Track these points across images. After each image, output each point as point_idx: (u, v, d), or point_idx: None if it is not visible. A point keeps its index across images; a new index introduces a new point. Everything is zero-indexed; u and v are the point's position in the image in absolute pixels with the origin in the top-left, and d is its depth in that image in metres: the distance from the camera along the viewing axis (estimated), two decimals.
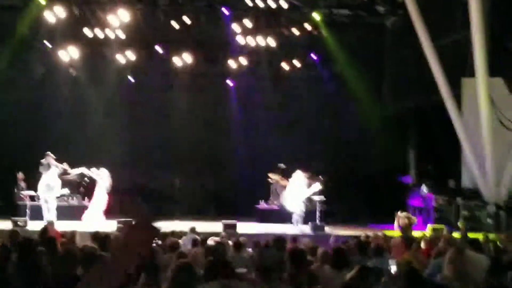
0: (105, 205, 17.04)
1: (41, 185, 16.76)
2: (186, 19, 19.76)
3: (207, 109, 21.91)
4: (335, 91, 21.35)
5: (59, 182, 16.96)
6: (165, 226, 14.64)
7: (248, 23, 20.01)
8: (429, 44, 17.72)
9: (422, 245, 9.51)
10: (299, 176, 17.35)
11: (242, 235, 13.45)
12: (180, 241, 10.22)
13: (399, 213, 15.91)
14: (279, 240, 8.77)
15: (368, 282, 5.66)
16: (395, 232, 14.52)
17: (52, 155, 17.71)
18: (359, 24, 20.81)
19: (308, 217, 17.26)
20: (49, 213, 16.48)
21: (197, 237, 11.14)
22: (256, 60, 21.55)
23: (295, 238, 10.97)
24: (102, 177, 17.35)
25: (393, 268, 7.01)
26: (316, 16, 19.57)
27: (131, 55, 20.66)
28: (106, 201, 17.05)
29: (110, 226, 14.93)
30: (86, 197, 18.37)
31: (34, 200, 17.25)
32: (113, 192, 17.10)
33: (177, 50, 20.95)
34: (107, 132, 20.87)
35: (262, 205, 19.67)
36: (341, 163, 21.06)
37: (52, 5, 19.24)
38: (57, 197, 17.12)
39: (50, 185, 16.62)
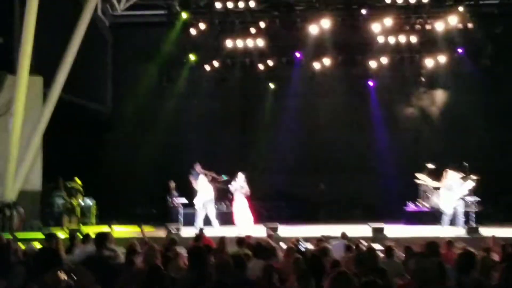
0: (248, 209, 17.00)
1: (197, 193, 17.28)
2: (324, 23, 19.68)
3: (349, 111, 21.59)
4: (485, 86, 20.14)
5: (211, 188, 17.41)
6: (311, 230, 14.65)
7: (387, 21, 19.52)
8: None
9: None
10: (451, 176, 16.51)
11: (391, 238, 13.09)
12: (329, 246, 10.07)
13: None
14: (433, 244, 8.27)
15: None
16: None
17: (199, 164, 18.41)
18: (508, 13, 19.48)
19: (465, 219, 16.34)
20: (211, 220, 16.93)
21: (348, 242, 10.92)
22: (398, 58, 20.95)
23: (450, 242, 10.38)
24: (239, 182, 16.95)
25: None
26: (461, 8, 18.58)
27: (271, 63, 20.99)
28: (247, 205, 16.98)
29: (256, 231, 15.20)
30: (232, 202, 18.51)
31: (187, 207, 17.87)
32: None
33: (316, 54, 20.96)
34: (250, 139, 21.34)
35: (410, 206, 19.03)
36: (496, 161, 19.71)
37: (194, 20, 20.07)
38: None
39: (203, 192, 17.11)
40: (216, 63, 21.05)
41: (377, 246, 9.48)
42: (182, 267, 7.63)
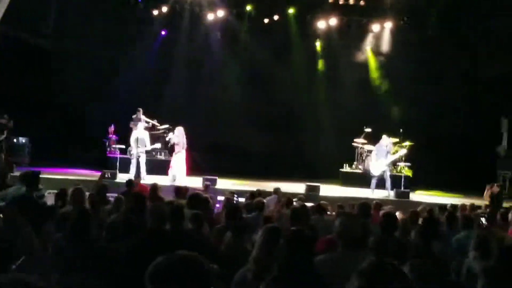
0: (184, 162, 16.86)
1: (132, 139, 16.94)
2: None
3: (293, 70, 21.67)
4: (427, 55, 20.45)
5: (148, 136, 17.20)
6: (249, 184, 14.83)
7: None
8: None
9: None
10: (384, 141, 16.90)
11: (324, 198, 13.41)
12: (265, 201, 10.23)
13: (492, 184, 15.12)
14: (365, 206, 8.57)
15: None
16: (484, 202, 13.94)
17: (141, 110, 18.14)
18: None
19: (392, 183, 16.82)
20: (140, 167, 16.63)
21: (281, 198, 11.13)
22: (347, 21, 21.08)
23: (378, 204, 10.71)
24: (177, 135, 16.63)
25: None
26: None
27: (220, 13, 20.75)
28: (184, 157, 16.79)
29: (194, 182, 15.24)
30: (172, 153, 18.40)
31: (124, 154, 17.65)
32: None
33: (266, 10, 20.85)
34: (192, 89, 21.14)
35: (346, 168, 19.46)
36: (429, 129, 20.23)
37: None
38: (147, 152, 17.18)
39: (140, 139, 16.83)
40: (164, 8, 20.62)
41: (309, 204, 9.70)
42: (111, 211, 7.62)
